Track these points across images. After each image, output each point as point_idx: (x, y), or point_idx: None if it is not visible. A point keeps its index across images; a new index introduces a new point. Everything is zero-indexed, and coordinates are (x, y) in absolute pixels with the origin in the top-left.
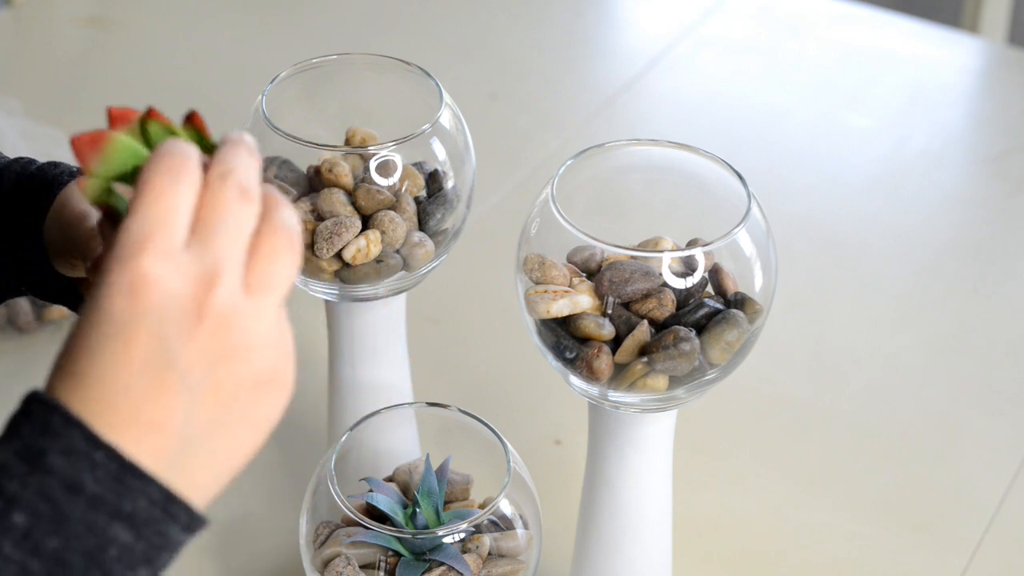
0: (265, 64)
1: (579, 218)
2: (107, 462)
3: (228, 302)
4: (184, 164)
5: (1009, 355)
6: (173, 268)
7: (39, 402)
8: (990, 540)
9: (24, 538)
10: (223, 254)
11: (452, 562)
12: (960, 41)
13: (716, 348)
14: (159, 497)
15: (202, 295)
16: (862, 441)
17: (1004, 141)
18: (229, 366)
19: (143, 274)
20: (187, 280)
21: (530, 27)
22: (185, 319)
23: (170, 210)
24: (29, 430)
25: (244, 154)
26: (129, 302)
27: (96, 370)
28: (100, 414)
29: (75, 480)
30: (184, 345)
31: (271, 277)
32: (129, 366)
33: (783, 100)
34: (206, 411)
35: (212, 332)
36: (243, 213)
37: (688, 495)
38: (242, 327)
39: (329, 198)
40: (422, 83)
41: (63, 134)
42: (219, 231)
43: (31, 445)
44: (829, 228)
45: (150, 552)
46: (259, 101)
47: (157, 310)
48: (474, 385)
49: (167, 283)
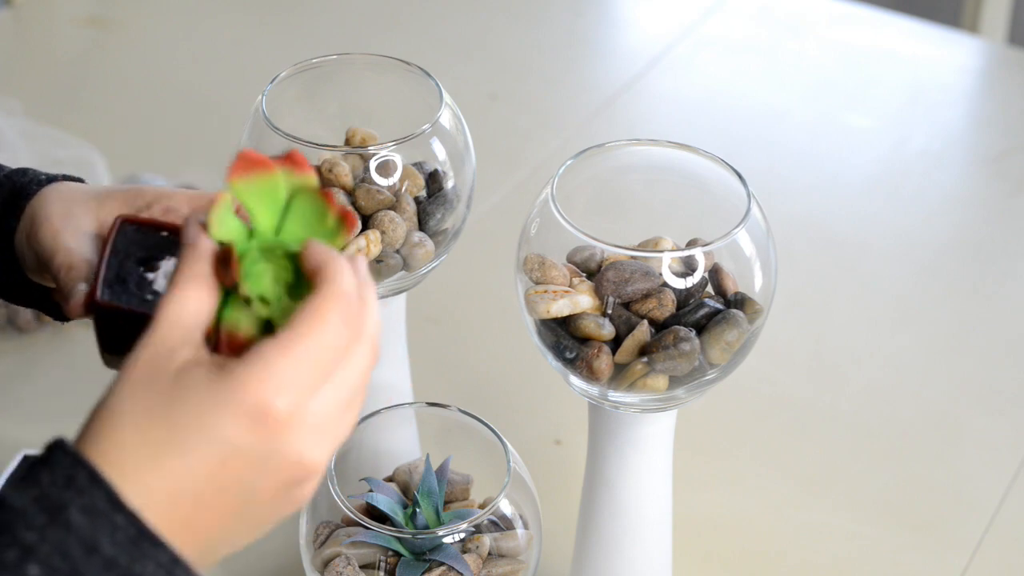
0: (265, 64)
1: (579, 218)
2: (127, 526)
3: (320, 458)
4: (351, 305)
5: (1009, 355)
6: (306, 424)
7: (67, 453)
8: (990, 540)
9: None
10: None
11: (452, 562)
12: (960, 41)
13: (716, 348)
14: (166, 560)
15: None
16: (862, 441)
17: (1004, 141)
18: (291, 492)
19: (279, 414)
20: (306, 435)
21: (530, 27)
22: (286, 467)
23: (325, 357)
24: (50, 479)
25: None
26: (250, 432)
27: (167, 466)
28: (136, 484)
29: (94, 541)
30: (268, 484)
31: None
32: (211, 483)
33: (783, 100)
34: (247, 520)
35: (298, 481)
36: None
37: (688, 495)
38: (316, 469)
39: None
40: (422, 83)
41: (63, 134)
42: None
43: (52, 496)
44: (829, 228)
45: None
46: (259, 101)
47: (268, 452)
48: (474, 385)
49: (292, 435)
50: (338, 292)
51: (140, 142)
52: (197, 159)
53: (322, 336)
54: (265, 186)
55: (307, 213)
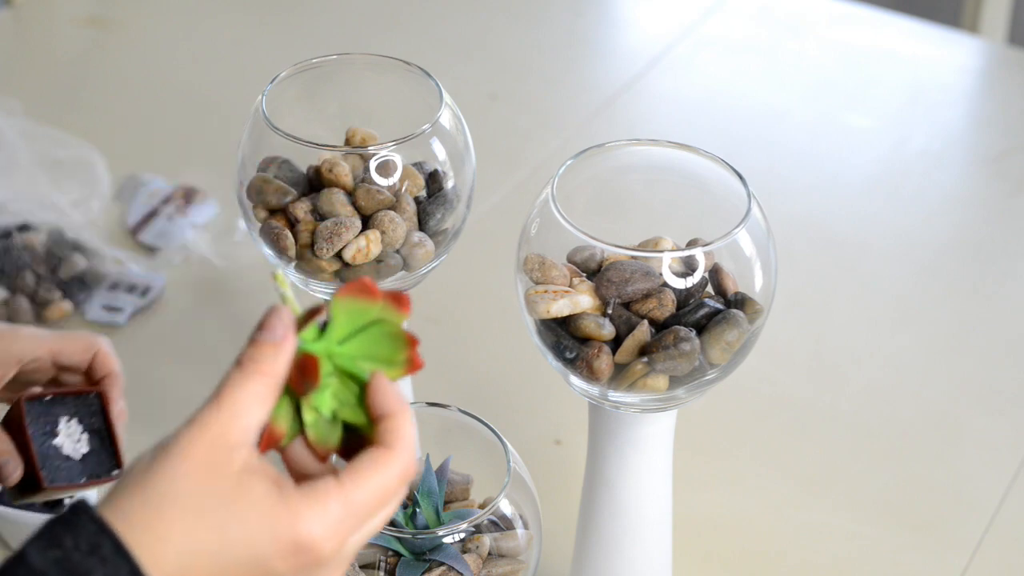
0: (265, 64)
1: (579, 218)
2: None
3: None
4: (406, 485)
5: (1009, 355)
6: (337, 560)
7: (92, 520)
8: (990, 540)
9: None
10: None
11: (452, 562)
12: (960, 41)
13: (716, 348)
14: None
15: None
16: (862, 441)
17: (1004, 141)
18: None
19: (315, 552)
20: (333, 568)
21: (530, 27)
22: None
23: (375, 524)
24: (74, 543)
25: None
26: (285, 559)
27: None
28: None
29: None
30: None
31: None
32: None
33: (783, 100)
34: None
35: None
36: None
37: (688, 495)
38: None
39: (329, 198)
40: (422, 83)
41: (63, 134)
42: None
43: (74, 561)
44: (829, 228)
45: None
46: (259, 101)
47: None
48: (474, 385)
49: (323, 571)
50: (407, 460)
51: (140, 142)
52: (197, 159)
53: (382, 493)
54: (361, 306)
55: (381, 340)
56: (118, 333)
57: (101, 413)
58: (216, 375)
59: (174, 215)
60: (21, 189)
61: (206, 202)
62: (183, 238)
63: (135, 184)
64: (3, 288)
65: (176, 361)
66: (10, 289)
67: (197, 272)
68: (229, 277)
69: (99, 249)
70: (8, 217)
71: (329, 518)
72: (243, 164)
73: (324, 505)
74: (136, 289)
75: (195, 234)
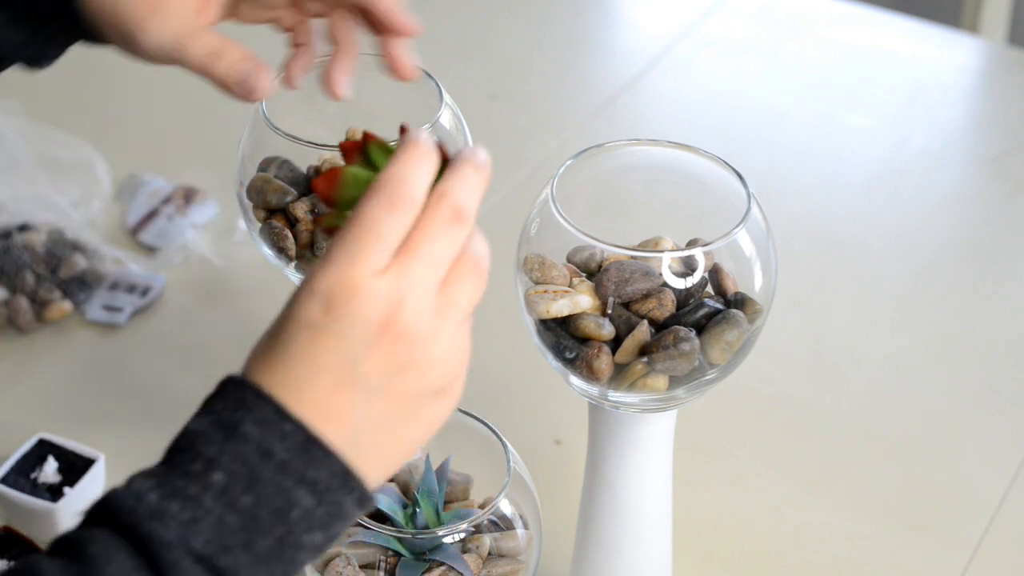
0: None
1: (579, 218)
2: (295, 433)
3: (412, 322)
4: (399, 193)
5: (1009, 355)
6: (367, 291)
7: (233, 383)
8: (990, 540)
9: (222, 494)
10: (418, 278)
11: (452, 562)
12: (960, 41)
13: (716, 348)
14: (339, 470)
15: (390, 314)
16: (862, 441)
17: (1004, 141)
18: (405, 377)
19: (340, 289)
20: (378, 303)
21: (530, 27)
22: (371, 333)
23: (377, 237)
24: (223, 406)
25: (469, 173)
26: (324, 310)
27: (288, 360)
28: (289, 397)
29: (267, 447)
30: (366, 357)
31: (456, 302)
32: (316, 363)
33: (783, 100)
34: (380, 411)
35: (392, 347)
36: (450, 237)
37: (688, 495)
38: (422, 346)
39: None
40: (422, 83)
41: (63, 134)
42: (420, 257)
43: (226, 418)
44: (829, 228)
45: (327, 519)
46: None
47: (346, 324)
48: (474, 385)
49: (359, 303)
50: (377, 184)
51: (140, 142)
52: (197, 159)
53: (362, 219)
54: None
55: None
56: (118, 333)
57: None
58: (216, 375)
59: (174, 215)
60: (21, 189)
61: (206, 202)
62: (183, 238)
63: (135, 184)
64: (3, 288)
65: (176, 361)
66: (10, 289)
67: (197, 272)
68: (229, 277)
69: (99, 249)
70: (8, 217)
71: (336, 253)
72: (243, 164)
73: (331, 244)
74: (136, 289)
75: (195, 234)
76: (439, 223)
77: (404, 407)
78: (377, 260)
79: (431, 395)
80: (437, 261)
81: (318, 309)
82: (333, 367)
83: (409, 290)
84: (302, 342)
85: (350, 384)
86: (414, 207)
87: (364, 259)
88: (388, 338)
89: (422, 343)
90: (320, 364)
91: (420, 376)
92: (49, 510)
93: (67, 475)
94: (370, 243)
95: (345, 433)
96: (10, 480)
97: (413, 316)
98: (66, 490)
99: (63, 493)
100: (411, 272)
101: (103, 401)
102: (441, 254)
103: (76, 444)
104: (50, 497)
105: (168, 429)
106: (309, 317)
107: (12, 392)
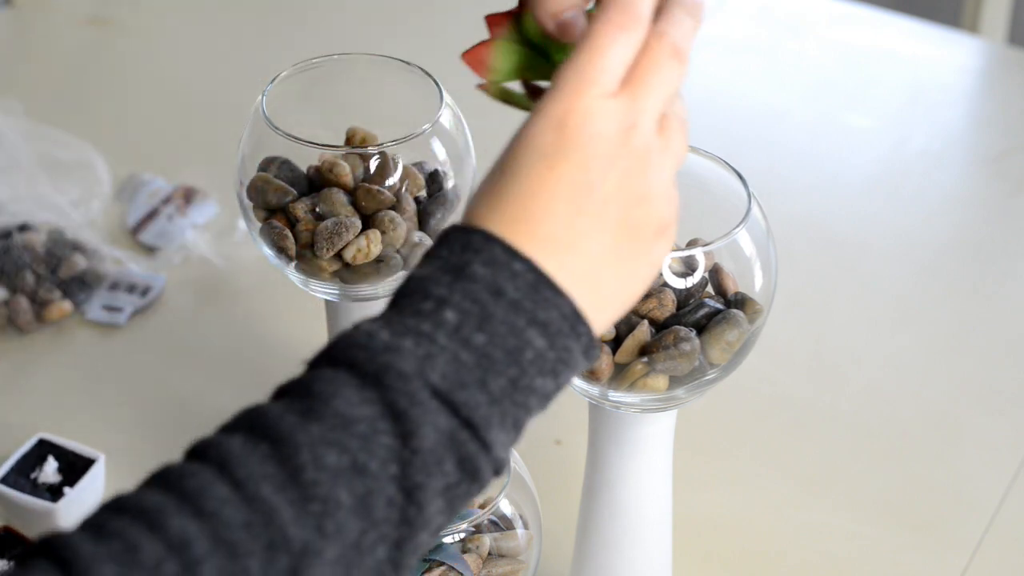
0: (265, 64)
1: None
2: (525, 272)
3: (644, 147)
4: (630, 17)
5: (1009, 355)
6: (601, 111)
7: (457, 229)
8: (990, 540)
9: (455, 331)
10: (647, 106)
11: (452, 562)
12: (960, 41)
13: (716, 348)
14: (569, 312)
15: (623, 138)
16: (862, 441)
17: (1004, 141)
18: (638, 207)
19: (574, 112)
20: (613, 123)
21: None
22: (607, 157)
23: (608, 59)
24: (448, 251)
25: (684, 15)
26: (558, 135)
27: (520, 194)
28: (521, 233)
29: (498, 286)
30: (604, 179)
31: (670, 146)
32: (553, 191)
33: (783, 100)
34: (614, 242)
35: (628, 172)
36: (671, 73)
37: (688, 495)
38: (651, 173)
39: (329, 198)
40: (422, 83)
41: (63, 134)
42: (648, 87)
43: (453, 261)
44: (829, 228)
45: (557, 365)
46: (259, 101)
47: (583, 145)
48: None
49: (594, 123)
50: (608, 4)
51: (140, 142)
52: (197, 159)
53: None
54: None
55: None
56: (118, 333)
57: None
58: (216, 375)
59: (174, 215)
60: (21, 189)
61: (206, 202)
62: (183, 238)
63: (135, 184)
64: (3, 288)
65: (176, 361)
66: (10, 289)
67: (197, 272)
68: (229, 277)
69: (99, 249)
70: (8, 217)
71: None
72: (243, 164)
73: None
74: (136, 289)
75: (195, 234)
76: (663, 55)
77: (636, 240)
78: (607, 84)
79: (657, 231)
80: (661, 93)
81: (552, 136)
82: (571, 194)
83: (640, 115)
84: (539, 170)
85: (588, 212)
86: (642, 28)
87: (596, 82)
88: (625, 160)
89: (652, 171)
90: (557, 192)
91: (650, 209)
92: (49, 510)
93: (67, 475)
94: (601, 66)
95: (585, 265)
96: (10, 480)
97: (645, 141)
98: (66, 490)
99: (63, 493)
100: (641, 98)
101: (103, 401)
102: (664, 87)
103: (76, 444)
104: (50, 497)
105: (168, 429)
106: (544, 143)
107: (12, 392)
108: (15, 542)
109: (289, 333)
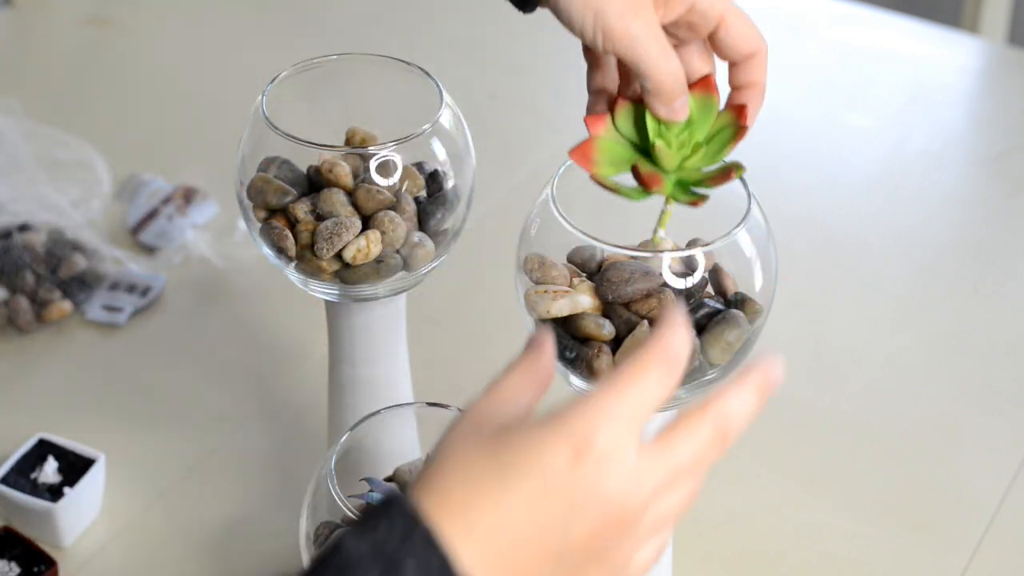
0: (265, 64)
1: (579, 218)
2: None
3: (643, 521)
4: (677, 363)
5: (1009, 355)
6: (619, 462)
7: (405, 508)
8: (990, 540)
9: None
10: (663, 482)
11: None
12: (960, 41)
13: (716, 348)
14: None
15: (631, 504)
16: (862, 441)
17: (1004, 141)
18: (599, 567)
19: (592, 447)
20: (623, 481)
21: (530, 27)
22: (607, 518)
23: (646, 403)
24: (388, 531)
25: (747, 393)
26: (567, 464)
27: (496, 506)
28: (472, 549)
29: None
30: (578, 531)
31: (667, 521)
32: (529, 520)
33: (783, 100)
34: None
35: (612, 538)
36: (707, 457)
37: None
38: (629, 553)
39: (329, 198)
40: (422, 83)
41: (63, 134)
42: (678, 466)
43: (388, 548)
44: (829, 228)
45: None
46: (259, 101)
47: (583, 485)
48: (474, 385)
49: (606, 470)
50: (659, 341)
51: (140, 142)
52: (197, 159)
53: (638, 376)
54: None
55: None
56: (118, 333)
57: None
58: (216, 375)
59: (174, 215)
60: (21, 189)
61: (206, 202)
62: (183, 238)
63: (135, 184)
64: (3, 288)
65: (176, 361)
66: (10, 289)
67: (197, 272)
68: (229, 277)
69: (99, 249)
70: (8, 217)
71: (600, 407)
72: (243, 164)
73: (590, 398)
74: (136, 289)
75: (195, 234)
76: (706, 441)
77: (585, 564)
78: (639, 429)
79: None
80: (690, 484)
81: (565, 457)
82: (544, 532)
83: (651, 495)
84: (526, 487)
85: (549, 555)
86: (678, 377)
87: (629, 425)
88: (610, 514)
89: (631, 552)
90: (534, 519)
91: (619, 542)
92: (49, 510)
93: (67, 475)
94: (639, 410)
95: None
96: (10, 480)
97: (648, 516)
98: (66, 490)
99: (63, 493)
100: (667, 474)
101: (103, 401)
102: (695, 467)
103: (76, 444)
104: (50, 497)
105: (168, 429)
106: (546, 460)
107: (12, 392)
108: (15, 542)
109: (289, 333)
